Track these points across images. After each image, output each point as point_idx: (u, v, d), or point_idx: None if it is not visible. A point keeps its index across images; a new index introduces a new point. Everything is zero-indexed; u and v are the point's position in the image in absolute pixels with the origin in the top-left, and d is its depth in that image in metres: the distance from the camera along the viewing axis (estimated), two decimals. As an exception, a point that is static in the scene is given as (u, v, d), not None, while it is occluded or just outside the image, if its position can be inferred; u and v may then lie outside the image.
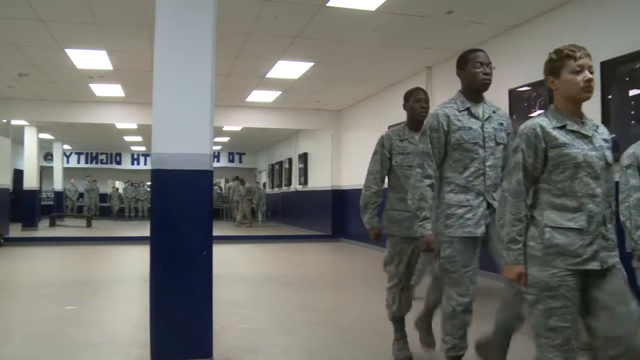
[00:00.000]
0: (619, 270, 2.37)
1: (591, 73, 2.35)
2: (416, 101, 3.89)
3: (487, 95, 3.23)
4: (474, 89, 3.16)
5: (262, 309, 5.68)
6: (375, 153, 3.97)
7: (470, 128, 3.10)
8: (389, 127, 9.14)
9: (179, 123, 3.47)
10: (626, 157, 3.53)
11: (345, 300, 6.03)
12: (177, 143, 3.46)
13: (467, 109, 3.14)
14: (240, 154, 25.81)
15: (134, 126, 15.46)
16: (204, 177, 3.54)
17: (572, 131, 2.37)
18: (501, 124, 3.20)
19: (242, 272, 8.51)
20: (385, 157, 3.90)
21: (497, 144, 3.13)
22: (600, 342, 2.30)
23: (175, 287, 3.48)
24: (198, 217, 3.53)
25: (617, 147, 4.02)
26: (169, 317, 3.46)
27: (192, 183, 3.51)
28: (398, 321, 3.88)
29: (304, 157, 17.34)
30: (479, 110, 3.16)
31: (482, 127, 3.12)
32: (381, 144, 3.94)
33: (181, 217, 3.50)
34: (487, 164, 3.09)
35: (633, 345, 2.26)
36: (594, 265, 2.30)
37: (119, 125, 15.48)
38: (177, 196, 3.50)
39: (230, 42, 7.79)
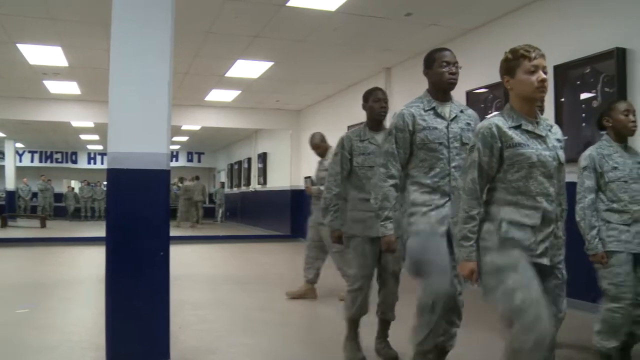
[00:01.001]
0: (559, 270, 2.44)
1: (545, 73, 2.39)
2: (375, 101, 3.89)
3: (445, 96, 3.23)
4: (440, 89, 3.15)
5: (220, 309, 5.63)
6: (335, 154, 3.96)
7: (435, 128, 3.08)
8: (349, 127, 9.19)
9: (136, 122, 3.42)
10: (584, 158, 3.59)
11: (304, 300, 6.03)
12: (134, 142, 3.40)
13: (433, 108, 3.13)
14: (199, 154, 25.58)
15: (90, 124, 15.16)
16: (160, 177, 3.49)
17: (527, 131, 2.42)
18: (468, 124, 3.17)
19: (200, 272, 8.43)
20: (346, 158, 3.89)
21: (463, 144, 3.09)
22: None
23: (131, 288, 3.43)
24: (155, 217, 3.48)
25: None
26: (124, 319, 3.40)
27: (148, 183, 3.46)
28: (352, 322, 3.85)
29: (263, 157, 17.28)
30: (445, 109, 3.15)
31: (447, 127, 3.10)
32: (341, 145, 3.93)
33: (137, 218, 3.44)
34: (453, 164, 3.07)
35: (549, 341, 2.31)
36: (544, 261, 2.38)
37: (75, 124, 15.16)
38: (133, 196, 3.45)
39: (189, 40, 7.71)
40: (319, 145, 6.26)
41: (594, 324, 3.52)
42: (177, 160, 24.45)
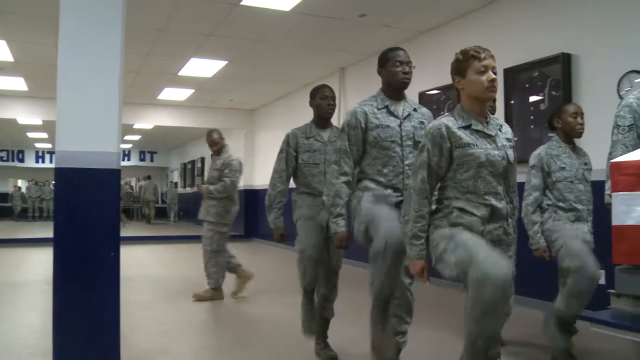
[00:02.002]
0: (510, 261, 2.48)
1: (495, 74, 2.43)
2: (323, 98, 3.88)
3: (401, 96, 3.25)
4: (393, 87, 3.16)
5: (172, 310, 5.56)
6: (281, 151, 3.93)
7: (388, 126, 3.09)
8: (303, 127, 9.19)
9: (85, 120, 3.33)
10: (533, 157, 3.71)
11: (257, 300, 6.01)
12: (83, 140, 3.32)
13: (386, 106, 3.14)
14: (152, 153, 25.18)
15: (38, 122, 14.73)
16: (111, 176, 3.42)
17: (477, 131, 2.46)
18: (422, 122, 3.18)
19: (152, 273, 8.30)
20: (291, 156, 3.88)
21: (416, 142, 3.08)
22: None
23: (80, 290, 3.34)
24: (105, 217, 3.41)
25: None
26: (73, 322, 3.32)
27: (98, 182, 3.38)
28: (310, 291, 3.83)
29: (217, 157, 17.10)
30: (398, 108, 3.16)
31: (400, 126, 3.11)
32: (287, 142, 3.91)
33: (87, 218, 3.36)
34: (406, 162, 3.07)
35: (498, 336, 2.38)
36: None
37: (21, 121, 14.70)
38: (82, 196, 3.37)
39: (141, 38, 7.58)
40: (216, 142, 6.24)
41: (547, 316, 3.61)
42: (129, 160, 24.02)
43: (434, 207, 2.52)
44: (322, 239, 3.76)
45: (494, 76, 2.43)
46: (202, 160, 18.86)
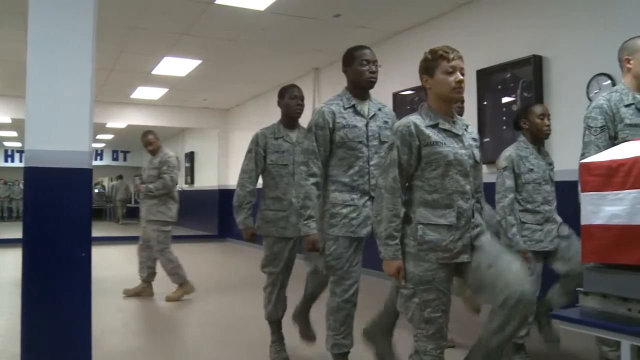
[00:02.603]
0: (488, 240, 2.52)
1: (462, 75, 2.45)
2: (292, 98, 3.85)
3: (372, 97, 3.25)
4: (359, 87, 3.13)
5: (144, 311, 5.52)
6: (249, 151, 3.89)
7: (355, 126, 3.06)
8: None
9: (55, 118, 3.28)
10: (503, 159, 3.69)
11: (231, 300, 5.99)
12: (53, 139, 3.27)
13: (353, 106, 3.11)
14: (125, 152, 24.87)
15: (7, 120, 14.47)
16: (82, 176, 3.37)
17: (444, 130, 2.47)
18: (386, 122, 3.18)
19: (125, 274, 8.17)
20: (260, 156, 3.85)
21: (382, 142, 3.09)
22: (498, 299, 2.37)
23: (50, 291, 3.29)
24: (76, 217, 3.36)
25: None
26: (42, 325, 3.26)
27: (69, 182, 3.33)
28: (274, 323, 3.85)
29: (190, 156, 17.03)
30: (364, 107, 3.13)
31: (366, 125, 3.09)
32: (255, 142, 3.87)
33: (57, 218, 3.31)
34: (372, 162, 3.06)
35: (526, 289, 2.36)
36: (464, 258, 2.44)
37: (-10, 119, 14.45)
38: (52, 196, 3.31)
39: (114, 36, 7.49)
40: (151, 143, 6.27)
41: None
42: (101, 159, 23.70)
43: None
44: (288, 258, 3.81)
45: (462, 77, 2.45)
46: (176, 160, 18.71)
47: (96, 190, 22.73)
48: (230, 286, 7.02)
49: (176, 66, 9.40)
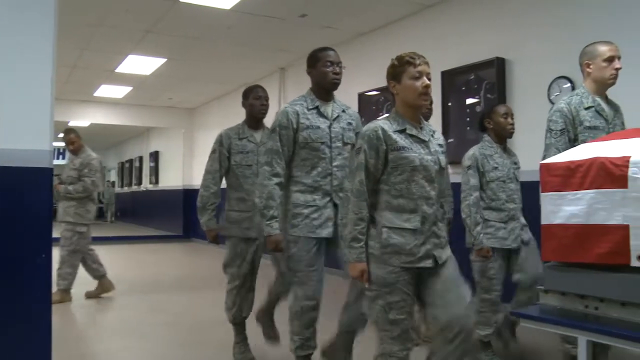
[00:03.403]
0: (450, 259, 2.54)
1: (429, 80, 2.47)
2: (256, 98, 3.84)
3: (337, 97, 3.25)
4: (323, 88, 3.13)
5: (107, 312, 5.44)
6: (213, 151, 3.86)
7: (318, 127, 3.06)
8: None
9: (14, 116, 3.21)
10: (467, 158, 3.75)
11: (196, 301, 5.94)
12: (12, 138, 3.19)
13: (316, 107, 3.10)
14: (88, 151, 24.47)
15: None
16: (42, 175, 3.30)
17: (411, 135, 2.49)
18: (350, 123, 3.18)
19: (86, 275, 8.05)
20: (224, 156, 3.82)
21: (345, 144, 3.10)
22: (439, 327, 2.45)
23: (7, 295, 3.21)
24: (35, 217, 3.29)
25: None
26: (1, 328, 3.19)
27: (28, 181, 3.26)
28: (238, 324, 3.83)
29: (155, 156, 16.85)
30: (328, 109, 3.13)
31: (329, 127, 3.09)
32: (219, 142, 3.84)
33: (15, 219, 3.23)
34: (334, 164, 3.06)
35: (466, 324, 2.45)
36: (427, 263, 2.45)
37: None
38: (11, 195, 3.23)
39: (77, 32, 7.37)
40: (73, 142, 6.20)
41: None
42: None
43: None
44: (252, 259, 3.81)
45: (428, 82, 2.47)
46: (141, 159, 18.51)
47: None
48: (195, 287, 6.97)
49: (141, 64, 9.30)
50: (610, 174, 2.18)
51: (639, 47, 4.10)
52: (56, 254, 4.00)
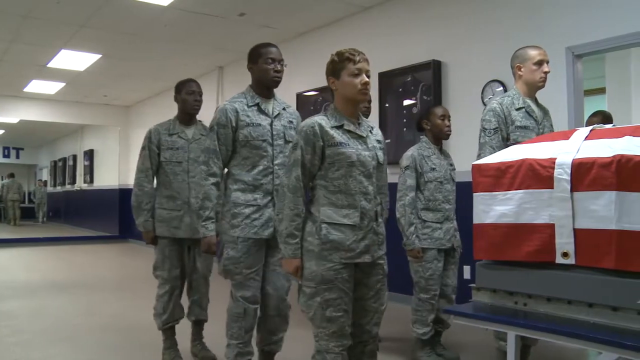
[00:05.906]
0: (380, 265, 2.58)
1: (368, 77, 2.49)
2: (189, 93, 3.77)
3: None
4: (264, 85, 3.07)
5: (38, 317, 5.25)
6: (143, 148, 3.78)
7: (259, 124, 3.00)
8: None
9: None
10: (405, 158, 3.80)
11: (132, 303, 5.81)
12: None
13: (257, 104, 3.04)
14: (18, 149, 23.56)
15: None
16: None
17: (349, 131, 2.50)
18: (291, 121, 3.13)
19: (16, 278, 7.77)
20: (154, 153, 3.75)
21: (287, 141, 3.03)
22: (353, 329, 2.52)
23: None
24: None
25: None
26: None
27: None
28: (169, 330, 3.76)
29: (89, 154, 16.41)
30: (269, 106, 3.07)
31: (271, 124, 3.03)
32: (148, 138, 3.77)
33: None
34: (276, 162, 3.00)
35: (374, 334, 2.60)
36: (366, 259, 2.48)
37: None
38: None
39: (4, 23, 7.09)
40: None
41: (411, 315, 3.79)
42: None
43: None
44: (181, 261, 3.78)
45: (367, 79, 2.49)
46: (74, 157, 17.99)
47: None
48: (130, 288, 6.82)
49: (74, 60, 9.02)
50: (538, 175, 2.26)
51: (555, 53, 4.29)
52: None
